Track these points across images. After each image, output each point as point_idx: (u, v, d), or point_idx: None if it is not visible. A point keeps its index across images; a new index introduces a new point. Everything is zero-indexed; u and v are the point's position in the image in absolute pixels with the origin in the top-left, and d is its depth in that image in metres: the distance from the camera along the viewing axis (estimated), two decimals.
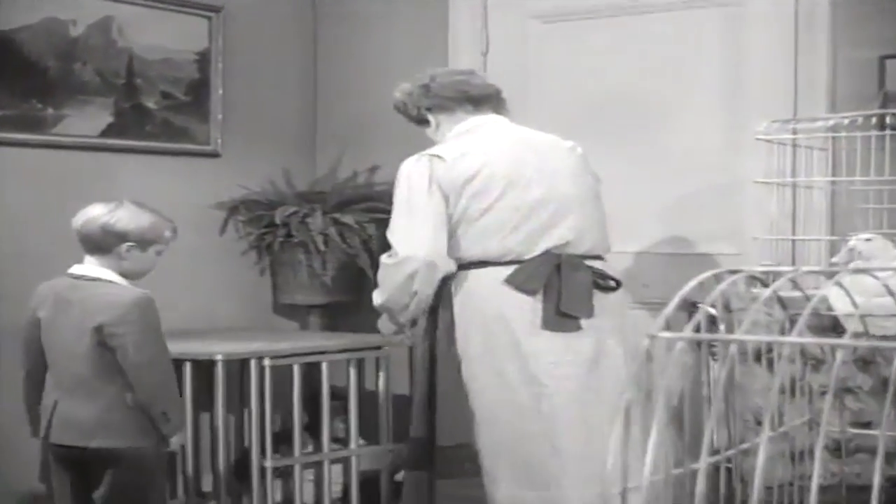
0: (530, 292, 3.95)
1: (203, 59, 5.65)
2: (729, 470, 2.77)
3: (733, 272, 1.56)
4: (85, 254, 4.00)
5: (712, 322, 3.94)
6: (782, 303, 1.78)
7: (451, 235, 4.03)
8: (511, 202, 4.01)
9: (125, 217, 3.99)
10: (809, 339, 1.41)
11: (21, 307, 4.65)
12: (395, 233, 4.08)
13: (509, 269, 3.97)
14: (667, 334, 1.32)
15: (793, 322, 3.82)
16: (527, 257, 3.98)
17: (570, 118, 5.35)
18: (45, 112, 5.08)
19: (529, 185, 4.06)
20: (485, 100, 4.29)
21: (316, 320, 5.79)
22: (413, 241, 4.00)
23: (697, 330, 1.44)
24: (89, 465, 3.95)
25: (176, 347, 4.71)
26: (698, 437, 1.48)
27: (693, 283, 1.48)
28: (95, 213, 3.99)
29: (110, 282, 3.97)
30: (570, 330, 3.95)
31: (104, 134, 5.29)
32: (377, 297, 4.15)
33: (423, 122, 4.30)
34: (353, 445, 5.15)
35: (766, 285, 1.61)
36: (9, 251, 4.89)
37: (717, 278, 1.59)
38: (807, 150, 4.43)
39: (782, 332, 3.79)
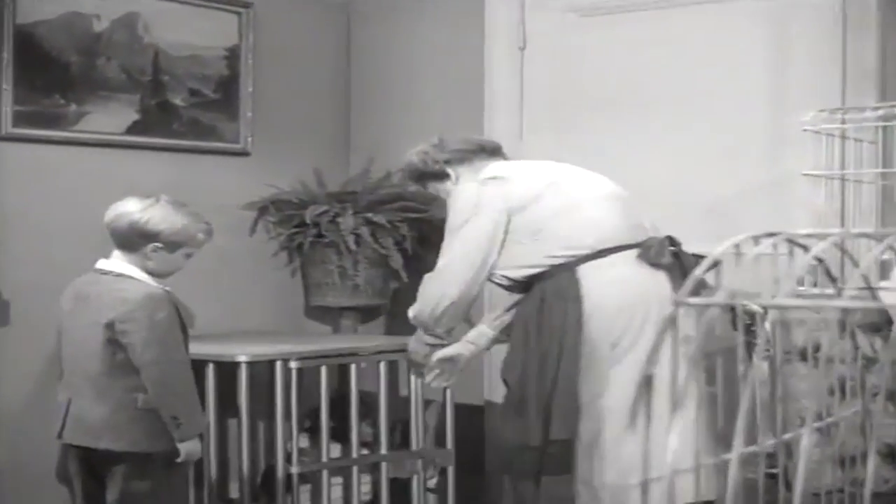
0: (664, 267, 3.96)
1: (232, 56, 5.52)
2: (773, 476, 2.60)
3: (771, 235, 1.38)
4: (114, 248, 3.89)
5: (753, 318, 3.77)
6: (829, 273, 1.60)
7: (539, 233, 4.00)
8: (600, 194, 4.09)
9: (157, 217, 3.87)
10: (858, 304, 1.23)
11: (37, 306, 4.57)
12: (441, 256, 4.11)
13: (632, 252, 3.97)
14: (696, 300, 1.15)
15: (841, 322, 3.64)
16: (638, 241, 4.01)
17: (609, 113, 5.21)
18: (67, 108, 4.95)
19: (600, 183, 4.15)
20: (496, 151, 4.37)
21: (348, 323, 5.65)
22: (447, 273, 4.07)
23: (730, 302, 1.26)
24: (99, 466, 3.83)
25: (200, 349, 4.60)
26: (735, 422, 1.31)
27: (727, 244, 1.31)
28: (127, 210, 3.87)
29: (130, 277, 3.85)
30: None
31: (129, 131, 5.16)
32: (412, 310, 4.19)
33: (443, 176, 4.31)
34: (383, 451, 4.97)
35: (807, 251, 1.43)
36: (28, 250, 4.77)
37: (755, 241, 1.41)
38: (856, 141, 4.25)
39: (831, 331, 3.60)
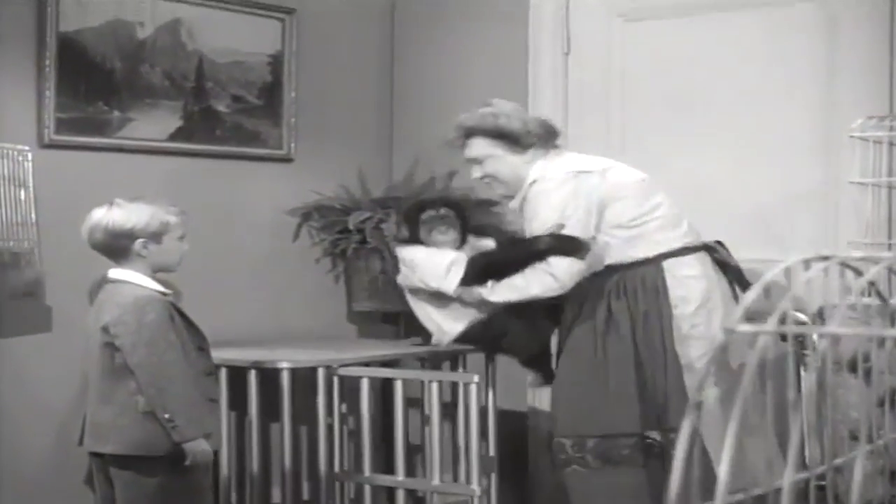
0: (728, 268, 4.28)
1: (276, 62, 5.51)
2: (821, 488, 2.56)
3: (824, 258, 1.35)
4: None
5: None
6: (880, 294, 1.56)
7: (629, 229, 4.19)
8: (670, 198, 4.31)
9: (120, 216, 3.92)
10: None
11: (79, 312, 4.58)
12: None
13: (704, 253, 4.25)
14: (747, 327, 1.12)
15: (894, 319, 3.59)
16: (703, 242, 4.28)
17: (655, 119, 5.17)
18: (111, 115, 4.96)
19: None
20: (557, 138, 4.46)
21: (390, 328, 5.63)
22: (566, 270, 4.11)
23: (783, 322, 1.24)
24: (109, 470, 3.87)
25: (243, 354, 4.61)
26: (787, 447, 1.27)
27: (778, 268, 1.28)
28: (94, 220, 3.95)
29: (127, 282, 3.92)
30: None
31: (172, 138, 5.16)
32: (505, 292, 4.21)
33: (523, 147, 4.32)
34: (435, 482, 4.66)
35: (861, 275, 1.40)
36: (70, 257, 4.76)
37: (806, 265, 1.38)
38: None
39: (879, 342, 3.56)
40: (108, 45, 4.94)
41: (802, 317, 3.78)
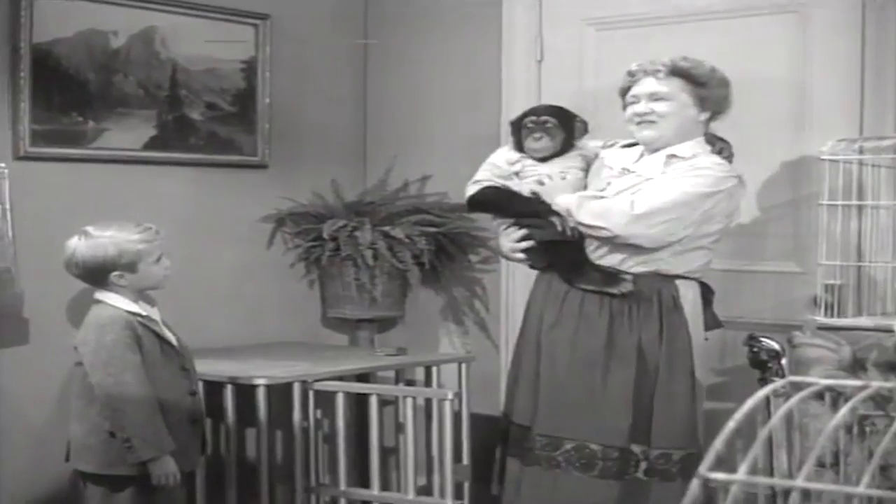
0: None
1: (249, 68, 5.51)
2: None
3: (798, 386, 1.37)
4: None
5: (776, 356, 3.77)
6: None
7: (713, 244, 4.11)
8: None
9: (91, 250, 3.96)
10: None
11: (56, 324, 4.60)
12: (654, 196, 3.99)
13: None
14: (720, 476, 1.14)
15: (857, 360, 3.65)
16: None
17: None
18: (86, 126, 4.95)
19: None
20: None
21: (364, 334, 5.67)
22: (650, 218, 3.94)
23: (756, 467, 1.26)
24: (84, 488, 3.95)
25: (218, 367, 4.62)
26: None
27: (747, 406, 1.30)
28: (69, 252, 4.00)
29: (103, 302, 3.98)
30: None
31: (147, 147, 5.16)
32: (586, 215, 4.03)
33: (703, 100, 4.10)
34: (410, 496, 4.71)
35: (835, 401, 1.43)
36: (47, 268, 4.77)
37: (793, 386, 1.40)
38: (874, 168, 4.25)
39: (848, 370, 3.61)
40: (81, 55, 4.92)
41: (774, 345, 3.84)
